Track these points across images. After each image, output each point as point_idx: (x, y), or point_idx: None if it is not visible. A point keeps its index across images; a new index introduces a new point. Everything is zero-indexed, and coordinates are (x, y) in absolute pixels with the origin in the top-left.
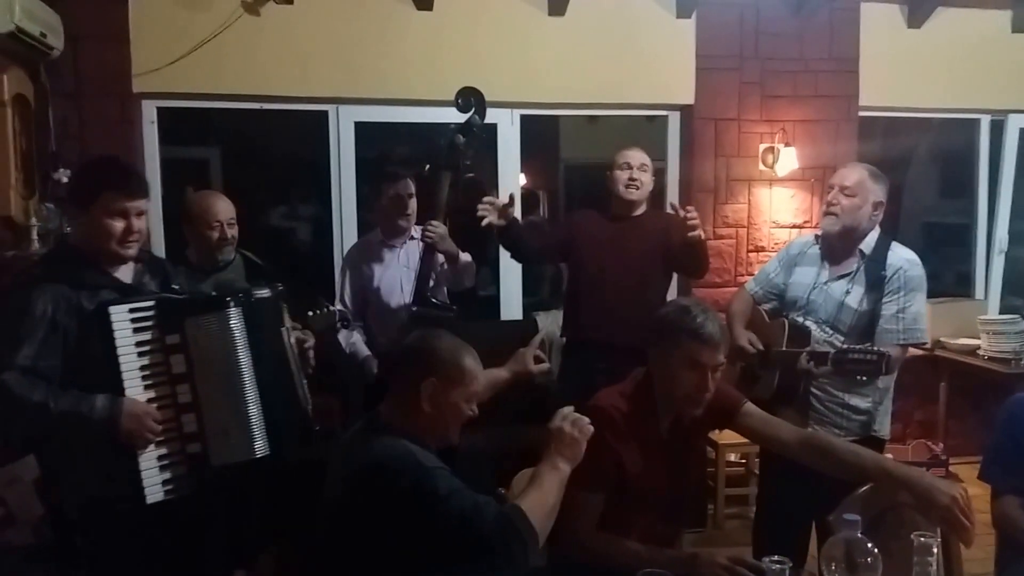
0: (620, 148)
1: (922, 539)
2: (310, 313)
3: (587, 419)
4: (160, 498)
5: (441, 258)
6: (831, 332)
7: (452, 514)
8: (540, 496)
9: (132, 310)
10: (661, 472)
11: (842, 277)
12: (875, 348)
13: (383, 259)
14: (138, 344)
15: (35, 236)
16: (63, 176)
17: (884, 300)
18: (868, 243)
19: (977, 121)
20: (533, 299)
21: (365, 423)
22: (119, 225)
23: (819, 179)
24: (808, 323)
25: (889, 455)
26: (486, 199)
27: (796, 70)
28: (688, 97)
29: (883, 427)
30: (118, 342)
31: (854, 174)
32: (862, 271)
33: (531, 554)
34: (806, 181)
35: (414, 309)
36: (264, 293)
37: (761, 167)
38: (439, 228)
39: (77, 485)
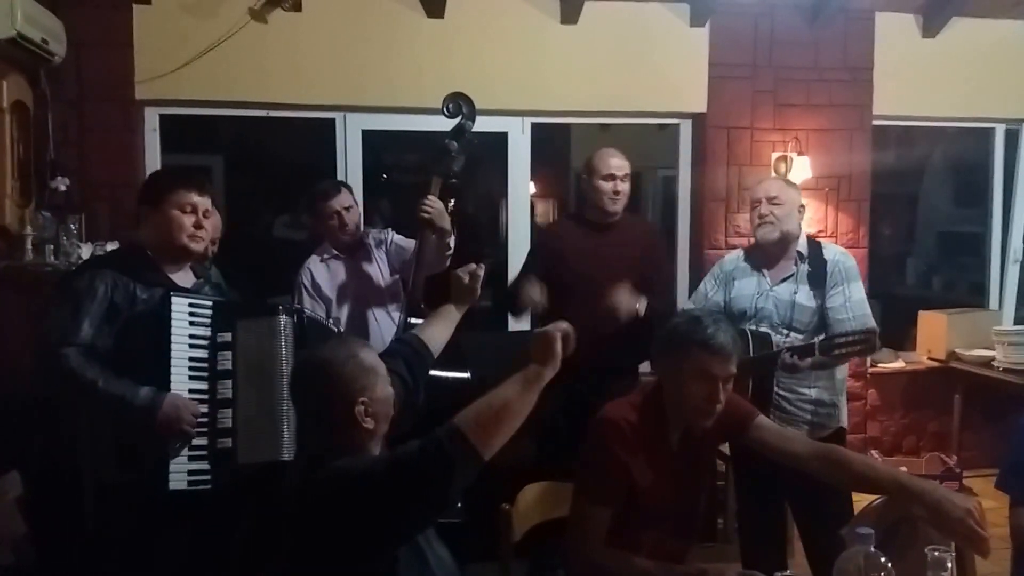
0: (599, 153)
1: (936, 553)
2: None
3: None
4: (183, 487)
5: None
6: (787, 333)
7: (379, 471)
8: (489, 398)
9: (192, 304)
10: (671, 485)
11: (785, 280)
12: (862, 328)
13: (339, 275)
14: (191, 337)
15: (29, 246)
16: (61, 184)
17: (830, 292)
18: (802, 244)
19: (992, 130)
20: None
21: (305, 462)
22: (189, 219)
23: (833, 188)
24: (763, 329)
25: (903, 467)
26: None
27: (810, 79)
28: (700, 105)
29: (843, 418)
30: (174, 332)
31: (775, 185)
32: (803, 271)
33: (460, 468)
34: (820, 191)
35: (409, 321)
36: (313, 314)
37: (773, 175)
38: (436, 203)
39: (105, 457)
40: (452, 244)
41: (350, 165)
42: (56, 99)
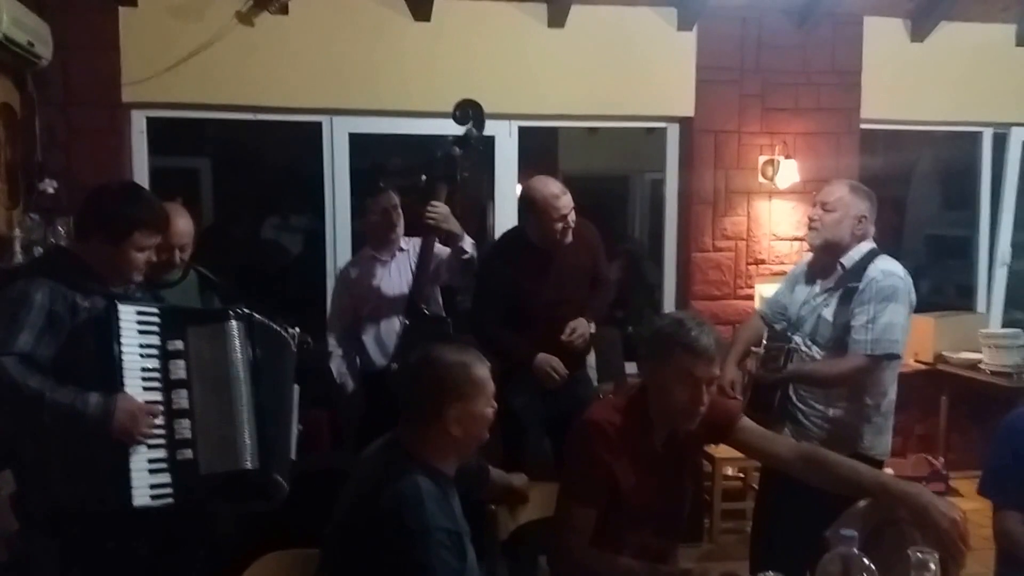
0: (543, 194)
1: (919, 555)
2: None
3: None
4: (147, 502)
5: (444, 252)
6: (811, 346)
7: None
8: None
9: (139, 312)
10: (656, 487)
11: (826, 291)
12: (786, 344)
13: (375, 274)
14: (141, 346)
15: (18, 248)
16: (48, 187)
17: (856, 311)
18: (851, 257)
19: (980, 134)
20: (504, 362)
21: (386, 446)
22: (142, 257)
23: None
24: (796, 338)
25: (889, 469)
26: None
27: (798, 83)
28: (688, 109)
29: (875, 446)
30: (124, 341)
31: (835, 191)
32: (841, 285)
33: None
34: (807, 194)
35: (406, 322)
36: (273, 324)
37: (761, 179)
38: (440, 208)
39: (63, 484)
40: (467, 248)
41: (337, 168)
42: (43, 102)
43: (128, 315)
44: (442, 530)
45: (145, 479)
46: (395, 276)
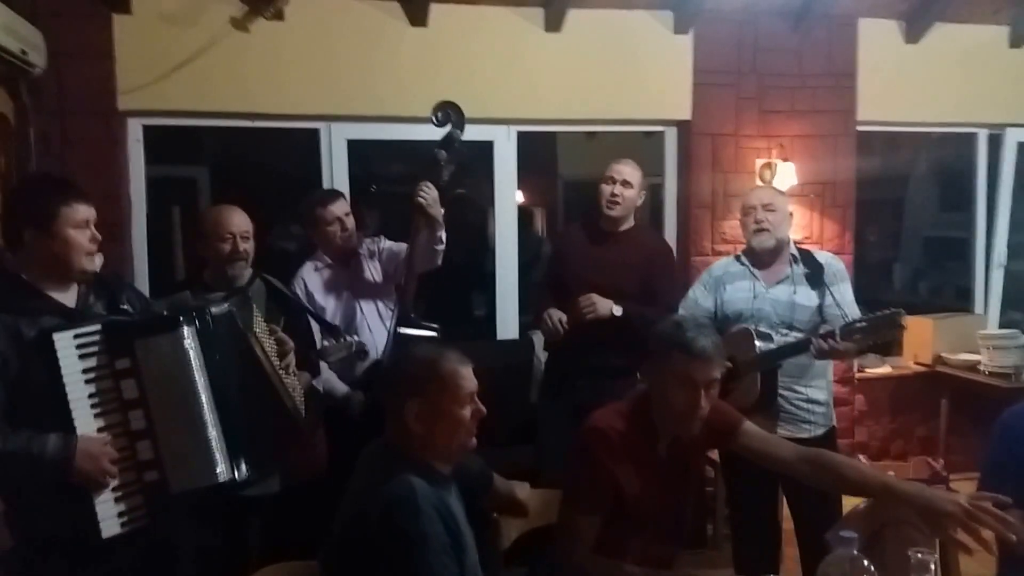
0: (613, 161)
1: (920, 556)
2: (325, 343)
3: None
4: (117, 531)
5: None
6: (787, 332)
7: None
8: None
9: (77, 335)
10: (659, 493)
11: (780, 282)
12: (887, 310)
13: (333, 284)
14: (85, 371)
15: None
16: None
17: (826, 291)
18: (793, 249)
19: (975, 135)
20: (530, 318)
21: (380, 446)
22: (86, 235)
23: (818, 194)
24: (763, 328)
25: (891, 472)
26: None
27: (794, 85)
28: (685, 113)
29: (833, 417)
30: (64, 370)
31: (768, 193)
32: (800, 273)
33: None
34: (805, 197)
35: (398, 330)
36: (222, 308)
37: (759, 183)
38: (432, 191)
39: (30, 521)
40: (443, 238)
41: (336, 175)
42: (37, 111)
43: (64, 341)
44: (439, 534)
45: (111, 509)
46: (357, 282)
